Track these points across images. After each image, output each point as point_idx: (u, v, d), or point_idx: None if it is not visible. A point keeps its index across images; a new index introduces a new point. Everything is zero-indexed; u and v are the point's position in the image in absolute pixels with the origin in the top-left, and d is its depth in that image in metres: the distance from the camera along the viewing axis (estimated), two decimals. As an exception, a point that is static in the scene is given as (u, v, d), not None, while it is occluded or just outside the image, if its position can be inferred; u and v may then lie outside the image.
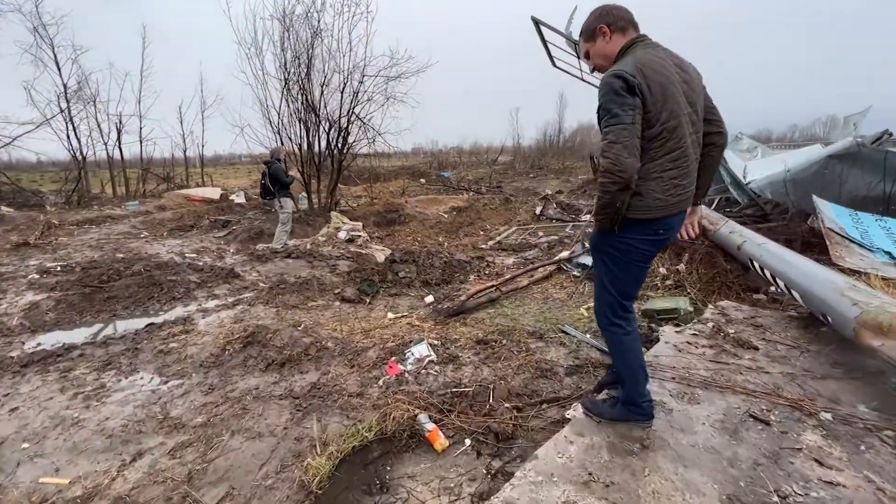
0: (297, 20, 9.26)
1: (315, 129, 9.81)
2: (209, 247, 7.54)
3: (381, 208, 10.70)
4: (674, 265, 4.38)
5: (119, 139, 15.30)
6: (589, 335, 3.38)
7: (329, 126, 9.79)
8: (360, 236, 7.82)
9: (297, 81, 9.47)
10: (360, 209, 10.97)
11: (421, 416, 2.32)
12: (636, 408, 1.94)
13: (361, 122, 9.88)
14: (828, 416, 2.00)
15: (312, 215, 9.51)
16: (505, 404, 2.46)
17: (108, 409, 2.66)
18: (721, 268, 4.06)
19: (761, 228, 4.87)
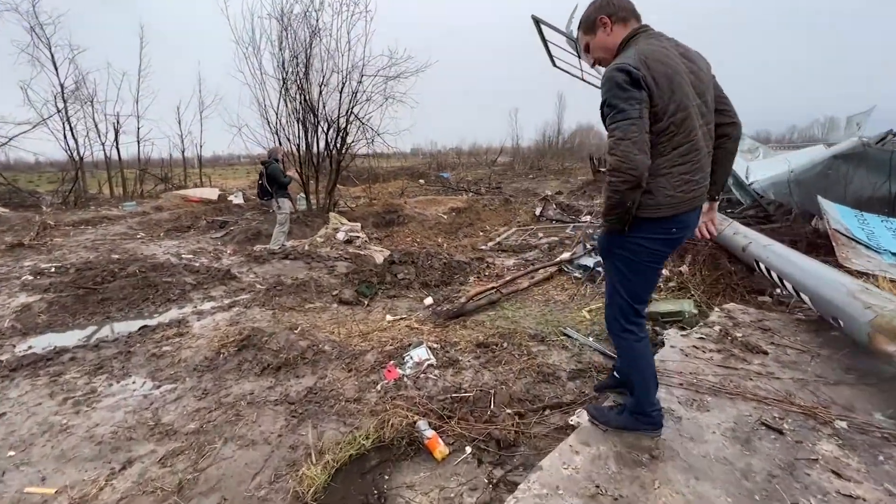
0: (296, 19, 9.21)
1: (313, 130, 9.73)
2: (206, 248, 7.46)
3: (380, 209, 10.63)
4: (677, 266, 4.31)
5: (116, 139, 15.20)
6: (592, 338, 3.31)
7: (327, 126, 9.72)
8: (358, 237, 7.75)
9: (296, 81, 9.40)
10: (358, 210, 10.90)
11: (420, 422, 2.25)
12: (645, 417, 1.86)
13: (360, 123, 9.82)
14: (843, 425, 1.93)
15: (311, 216, 9.43)
16: (506, 410, 2.39)
17: (98, 415, 2.58)
18: (725, 269, 4.00)
19: (764, 229, 4.80)
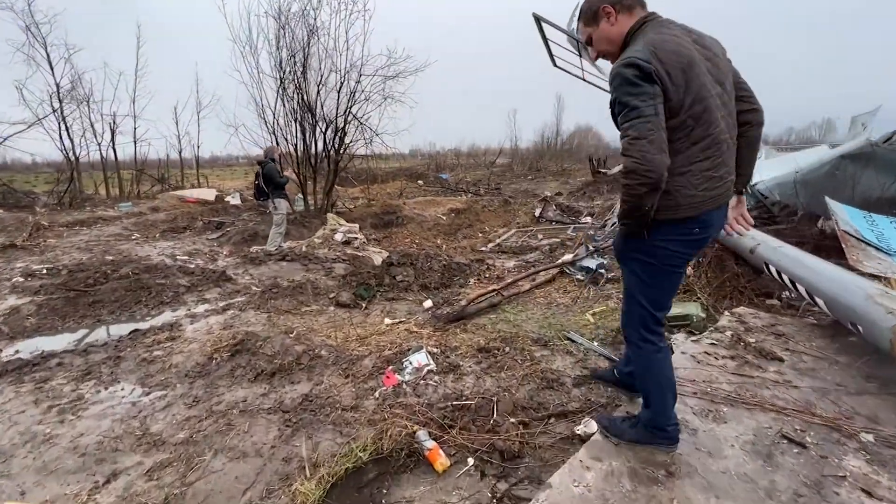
0: (293, 18, 9.10)
1: (311, 130, 9.63)
2: (202, 249, 7.34)
3: (379, 210, 10.53)
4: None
5: (113, 139, 15.05)
6: (596, 343, 3.22)
7: (325, 126, 9.62)
8: (356, 238, 7.65)
9: (293, 80, 9.30)
10: (357, 211, 10.79)
11: (420, 432, 2.15)
12: (661, 431, 1.74)
13: (359, 123, 9.72)
14: (870, 438, 1.83)
15: (308, 217, 9.32)
16: (510, 419, 2.29)
17: (84, 424, 2.47)
18: (732, 272, 3.91)
19: (769, 231, 4.72)
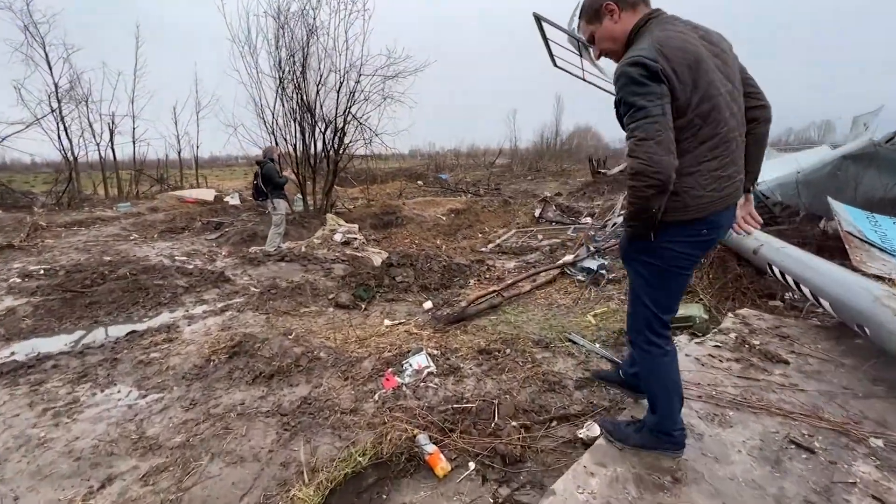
0: (293, 17, 9.07)
1: (310, 130, 9.59)
2: (200, 249, 7.31)
3: (378, 210, 10.50)
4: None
5: (112, 140, 15.03)
6: (598, 344, 3.19)
7: (325, 126, 9.58)
8: (356, 239, 7.61)
9: (293, 80, 9.27)
10: (356, 211, 10.76)
11: (420, 436, 2.11)
12: (667, 436, 1.71)
13: (358, 123, 9.68)
14: (879, 443, 1.79)
15: (308, 217, 9.29)
16: (511, 423, 2.26)
17: (79, 428, 2.44)
18: (734, 273, 3.88)
19: (770, 231, 4.69)
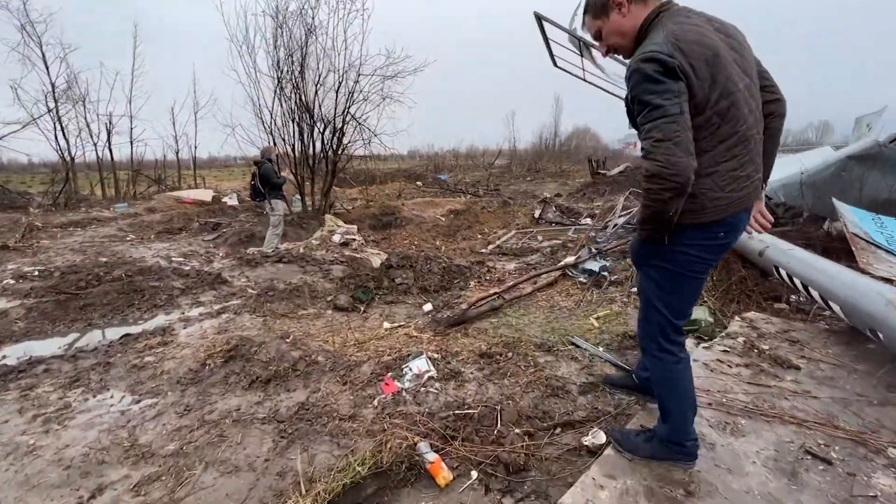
0: (291, 17, 8.99)
1: (309, 130, 9.53)
2: (197, 250, 7.24)
3: (377, 211, 10.44)
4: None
5: (109, 140, 14.93)
6: (601, 348, 3.13)
7: (323, 126, 9.52)
8: (355, 240, 7.54)
9: (291, 80, 9.19)
10: (355, 212, 10.70)
11: (421, 444, 2.05)
12: (679, 447, 1.64)
13: (357, 123, 9.62)
14: (897, 453, 1.75)
15: (306, 218, 9.22)
16: (514, 430, 2.20)
17: (70, 435, 2.37)
18: (739, 275, 3.83)
19: (773, 233, 4.64)
